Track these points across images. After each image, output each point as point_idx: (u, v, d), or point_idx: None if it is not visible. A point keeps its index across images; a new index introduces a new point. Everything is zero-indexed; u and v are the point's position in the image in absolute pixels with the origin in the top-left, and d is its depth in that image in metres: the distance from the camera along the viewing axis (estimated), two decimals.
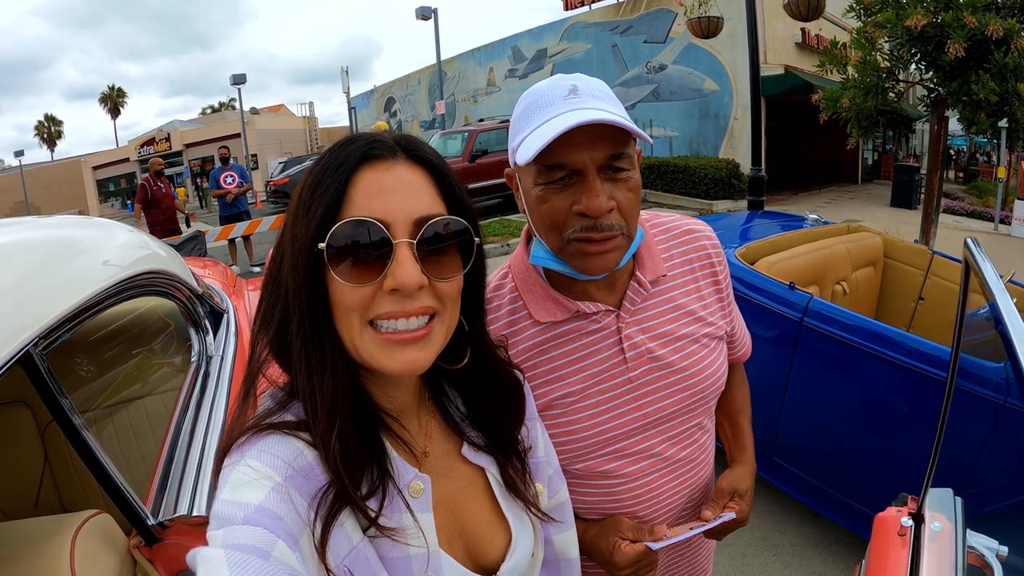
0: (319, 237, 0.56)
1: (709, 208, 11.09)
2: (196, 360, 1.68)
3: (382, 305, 0.58)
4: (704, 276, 0.98)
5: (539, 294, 0.91)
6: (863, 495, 2.31)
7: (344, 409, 0.58)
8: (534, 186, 0.82)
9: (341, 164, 0.58)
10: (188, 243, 5.84)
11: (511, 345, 0.90)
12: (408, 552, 0.60)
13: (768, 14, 11.21)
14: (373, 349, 0.59)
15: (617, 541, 0.88)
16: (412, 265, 0.57)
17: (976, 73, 4.20)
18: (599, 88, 0.82)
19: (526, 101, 0.84)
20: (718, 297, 0.99)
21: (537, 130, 0.78)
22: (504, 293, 0.94)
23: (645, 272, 0.92)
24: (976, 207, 13.11)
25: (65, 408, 1.02)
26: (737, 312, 1.08)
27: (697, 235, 1.00)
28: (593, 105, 0.78)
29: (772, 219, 3.92)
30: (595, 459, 0.92)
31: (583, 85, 0.81)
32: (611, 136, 0.78)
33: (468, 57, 20.40)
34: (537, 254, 0.89)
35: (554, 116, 0.77)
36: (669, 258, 0.97)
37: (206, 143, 28.52)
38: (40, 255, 1.14)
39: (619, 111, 0.79)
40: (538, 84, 0.84)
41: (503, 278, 0.97)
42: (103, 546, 1.05)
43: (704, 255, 0.99)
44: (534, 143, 0.76)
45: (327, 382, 0.58)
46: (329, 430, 0.57)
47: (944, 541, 0.84)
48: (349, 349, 0.60)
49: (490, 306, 0.93)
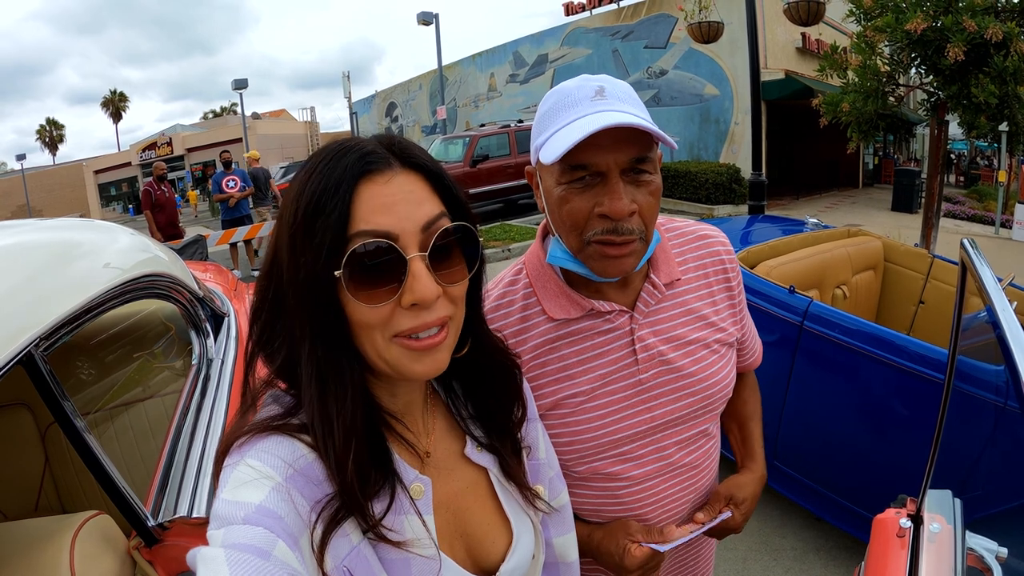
0: (331, 263, 0.55)
1: (710, 213, 11.09)
2: (197, 363, 1.68)
3: (403, 322, 0.58)
4: (717, 282, 0.98)
5: (553, 291, 0.91)
6: (864, 499, 2.31)
7: (361, 426, 0.58)
8: (556, 185, 0.82)
9: (339, 183, 0.56)
10: (190, 247, 5.85)
11: (522, 341, 0.91)
12: (408, 554, 0.60)
13: (768, 19, 11.24)
14: (400, 358, 0.59)
15: (627, 544, 0.88)
16: (428, 278, 0.57)
17: (976, 77, 4.20)
18: (625, 91, 0.82)
19: (552, 100, 0.84)
20: (730, 303, 0.99)
21: (563, 130, 0.78)
22: (518, 289, 0.95)
23: (660, 275, 0.92)
24: (977, 211, 13.09)
25: (67, 410, 1.02)
26: (749, 319, 1.07)
27: (711, 241, 1.00)
28: (620, 108, 0.78)
29: (772, 223, 3.92)
30: (601, 461, 0.92)
31: (610, 87, 0.81)
32: (636, 139, 0.78)
33: (469, 62, 20.46)
34: (555, 254, 0.89)
35: (581, 117, 0.77)
36: (683, 262, 0.97)
37: (208, 147, 28.60)
38: (42, 257, 1.14)
39: (645, 115, 0.79)
40: (564, 83, 0.84)
41: (517, 274, 0.97)
42: (103, 547, 1.05)
43: (718, 260, 0.99)
44: (560, 143, 0.76)
45: (347, 403, 0.58)
46: (346, 450, 0.56)
47: (943, 542, 0.84)
48: (374, 360, 0.60)
49: (503, 301, 0.94)
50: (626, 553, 0.87)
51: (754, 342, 1.10)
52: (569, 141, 0.74)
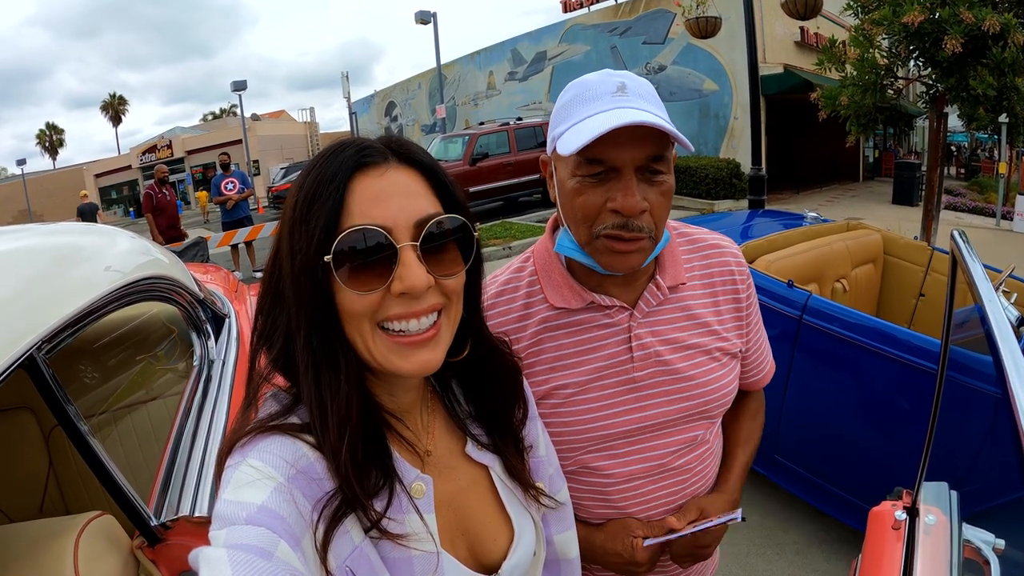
0: (322, 250, 0.56)
1: (710, 208, 11.08)
2: (198, 364, 1.69)
3: (391, 308, 0.58)
4: (724, 292, 0.97)
5: (557, 280, 0.92)
6: (866, 492, 2.30)
7: (355, 417, 0.58)
8: (571, 177, 0.82)
9: (335, 174, 0.58)
10: (190, 249, 5.86)
11: (522, 327, 0.91)
12: (410, 553, 0.60)
13: (766, 13, 11.21)
14: (387, 352, 0.59)
15: (633, 540, 0.88)
16: (418, 267, 0.58)
17: (974, 69, 4.20)
18: (647, 89, 0.83)
19: (572, 91, 0.84)
20: (736, 315, 0.98)
21: (582, 123, 0.78)
22: (524, 276, 0.95)
23: (665, 277, 0.92)
24: (978, 203, 13.06)
25: (69, 413, 1.03)
26: (762, 336, 1.06)
27: (722, 251, 1.00)
28: (640, 105, 0.78)
29: (772, 218, 3.92)
30: (587, 455, 0.92)
31: (631, 84, 0.81)
32: (653, 138, 0.78)
33: (468, 61, 20.42)
34: (563, 243, 0.89)
35: (601, 111, 0.78)
36: (690, 268, 0.96)
37: (208, 150, 28.58)
38: (44, 262, 1.15)
39: (664, 115, 0.79)
40: (586, 76, 0.84)
41: (524, 261, 0.98)
42: (106, 547, 1.06)
43: (727, 271, 0.98)
44: (579, 136, 0.76)
45: (341, 391, 0.58)
46: (340, 439, 0.57)
47: (939, 534, 0.84)
48: (362, 353, 0.60)
49: (509, 287, 0.95)
50: (636, 549, 0.88)
51: (763, 360, 1.07)
52: (589, 135, 0.75)
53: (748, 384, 1.07)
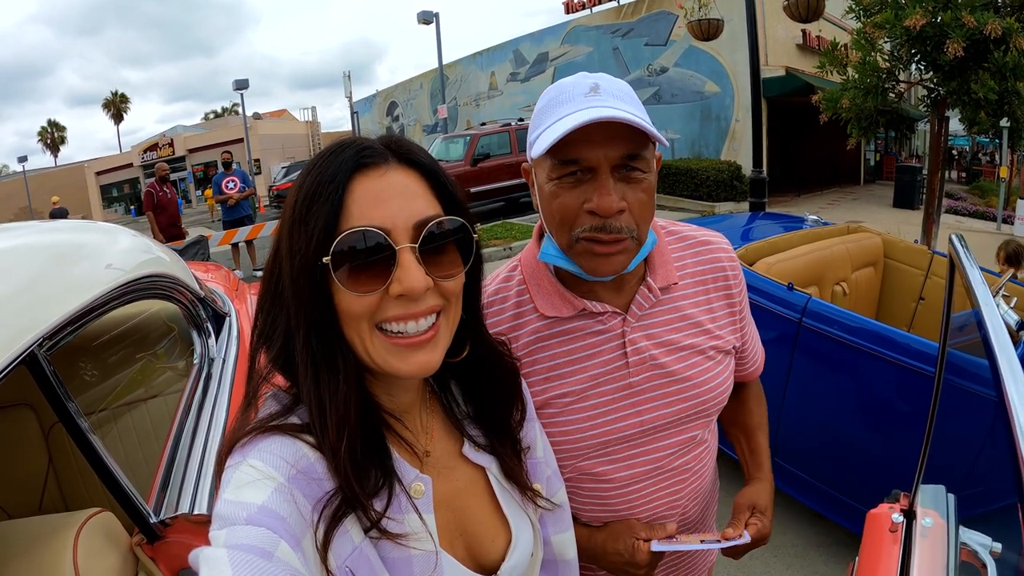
0: (321, 251, 0.56)
1: (711, 210, 11.08)
2: (198, 362, 1.70)
3: (390, 309, 0.58)
4: (716, 289, 0.97)
5: (546, 288, 0.91)
6: (864, 495, 2.30)
7: (354, 417, 0.59)
8: (548, 181, 0.81)
9: (335, 175, 0.58)
10: (191, 248, 5.87)
11: (514, 339, 0.90)
12: (409, 553, 0.60)
13: (768, 16, 11.20)
14: (385, 354, 0.59)
15: (635, 542, 0.88)
16: (417, 269, 0.58)
17: (975, 72, 4.20)
18: (621, 88, 0.82)
19: (547, 96, 0.84)
20: (729, 311, 0.97)
21: (554, 124, 0.78)
22: (512, 286, 0.94)
23: (656, 278, 0.91)
24: (979, 207, 13.07)
25: (70, 410, 1.03)
26: (752, 328, 1.06)
27: (713, 247, 0.99)
28: (613, 104, 0.77)
29: (772, 220, 3.92)
30: (588, 462, 0.92)
31: (605, 84, 0.81)
32: (628, 136, 0.77)
33: (470, 61, 20.44)
34: (547, 251, 0.88)
35: (573, 112, 0.77)
36: (682, 267, 0.95)
37: (209, 148, 28.57)
38: (44, 259, 1.16)
39: (639, 112, 0.78)
40: (562, 80, 0.84)
41: (512, 270, 0.96)
42: (106, 544, 1.06)
43: (718, 267, 0.97)
44: (549, 136, 0.76)
45: (340, 391, 0.58)
46: (339, 439, 0.57)
47: (935, 537, 0.84)
48: (361, 354, 0.60)
49: (497, 297, 0.93)
50: (637, 550, 0.87)
51: (755, 351, 1.08)
52: (557, 133, 0.74)
53: (744, 376, 1.07)
